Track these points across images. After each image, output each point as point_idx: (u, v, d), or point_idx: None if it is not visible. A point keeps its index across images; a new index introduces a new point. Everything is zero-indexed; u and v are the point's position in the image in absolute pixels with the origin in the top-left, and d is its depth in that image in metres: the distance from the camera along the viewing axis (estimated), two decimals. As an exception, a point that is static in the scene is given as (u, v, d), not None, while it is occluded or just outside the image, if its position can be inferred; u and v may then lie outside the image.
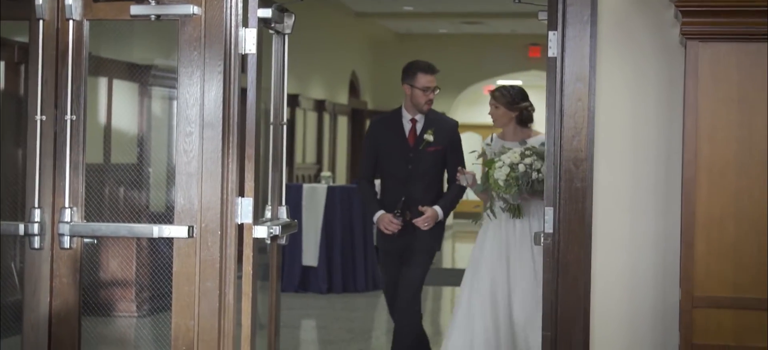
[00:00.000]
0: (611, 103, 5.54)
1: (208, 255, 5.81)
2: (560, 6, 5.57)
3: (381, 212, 7.52)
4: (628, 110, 5.53)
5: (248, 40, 5.89)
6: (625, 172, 5.54)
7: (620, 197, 5.55)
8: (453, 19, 17.26)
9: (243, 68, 5.91)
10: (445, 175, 7.76)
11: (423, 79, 7.48)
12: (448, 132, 7.61)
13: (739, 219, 5.07)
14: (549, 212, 5.63)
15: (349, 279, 12.48)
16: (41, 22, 5.95)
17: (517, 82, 22.27)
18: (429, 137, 7.46)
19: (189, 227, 5.82)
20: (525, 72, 19.31)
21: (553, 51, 5.64)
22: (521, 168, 6.92)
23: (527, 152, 7.00)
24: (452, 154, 7.60)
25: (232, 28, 5.83)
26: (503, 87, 7.55)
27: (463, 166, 7.54)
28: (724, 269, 5.08)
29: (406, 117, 7.59)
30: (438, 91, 7.53)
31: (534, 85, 21.49)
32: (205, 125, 5.80)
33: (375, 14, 17.14)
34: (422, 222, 7.47)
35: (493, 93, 7.50)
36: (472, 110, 21.76)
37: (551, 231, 5.63)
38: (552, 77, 5.66)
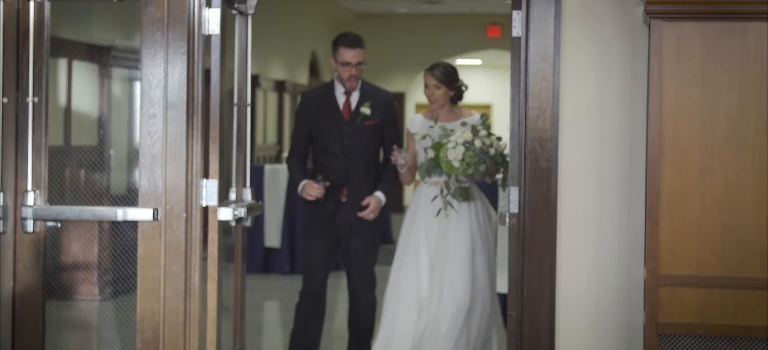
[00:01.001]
0: (576, 83, 5.55)
1: (173, 238, 5.78)
2: (525, -15, 5.57)
3: (305, 180, 7.04)
4: (592, 89, 5.55)
5: (212, 21, 5.86)
6: (589, 152, 5.56)
7: (585, 176, 5.57)
8: (412, -1, 17.27)
9: (205, 49, 5.88)
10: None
11: (346, 54, 6.98)
12: (385, 105, 7.18)
13: (703, 197, 5.11)
14: (514, 192, 5.64)
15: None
16: (2, 3, 5.89)
17: (477, 61, 22.37)
18: (366, 110, 7.03)
19: (154, 210, 5.79)
20: (484, 51, 19.36)
21: (517, 30, 5.64)
22: (478, 144, 6.75)
23: (478, 128, 6.84)
24: (389, 129, 7.19)
25: (196, 9, 5.80)
26: (441, 65, 7.27)
27: (400, 144, 7.20)
28: (689, 247, 5.11)
29: (340, 90, 7.12)
30: (364, 66, 7.01)
31: (493, 64, 21.60)
32: (169, 107, 5.76)
33: (334, -6, 17.15)
34: (368, 214, 7.05)
35: (433, 72, 7.18)
36: (432, 90, 21.78)
37: (516, 211, 5.64)
38: (516, 57, 5.66)
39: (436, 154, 6.79)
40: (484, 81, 22.35)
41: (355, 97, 7.08)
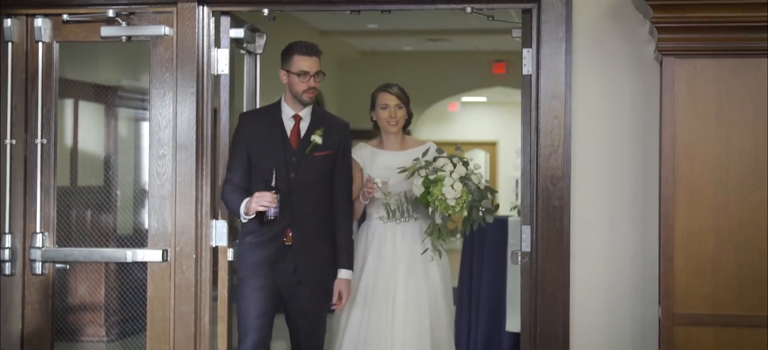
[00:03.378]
0: (587, 120, 5.53)
1: (182, 279, 5.76)
2: (535, 23, 5.56)
3: (247, 198, 5.72)
4: (604, 127, 5.52)
5: (221, 61, 5.86)
6: (602, 189, 5.53)
7: (598, 214, 5.53)
8: (417, 36, 17.23)
9: (214, 89, 5.88)
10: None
11: (302, 62, 5.77)
12: (340, 134, 5.94)
13: (718, 234, 5.06)
14: (526, 231, 5.61)
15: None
16: (10, 44, 5.91)
17: (482, 98, 22.35)
18: (317, 138, 5.80)
19: (163, 251, 5.77)
20: (489, 88, 19.33)
21: (527, 68, 5.62)
22: (475, 179, 5.95)
23: (464, 161, 5.99)
24: (342, 163, 5.97)
25: (205, 49, 5.81)
26: (395, 83, 6.34)
27: (351, 178, 6.06)
28: (704, 286, 5.07)
29: (288, 112, 5.87)
30: (322, 76, 5.85)
31: (498, 102, 21.58)
32: (179, 147, 5.76)
33: (340, 32, 17.10)
34: (341, 305, 5.95)
35: (390, 89, 6.24)
36: (439, 127, 21.75)
37: (529, 249, 5.60)
38: (527, 95, 5.64)
39: (425, 191, 5.90)
40: (490, 118, 22.33)
41: (304, 123, 5.87)
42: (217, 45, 5.87)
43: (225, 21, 5.90)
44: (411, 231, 6.16)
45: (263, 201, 5.62)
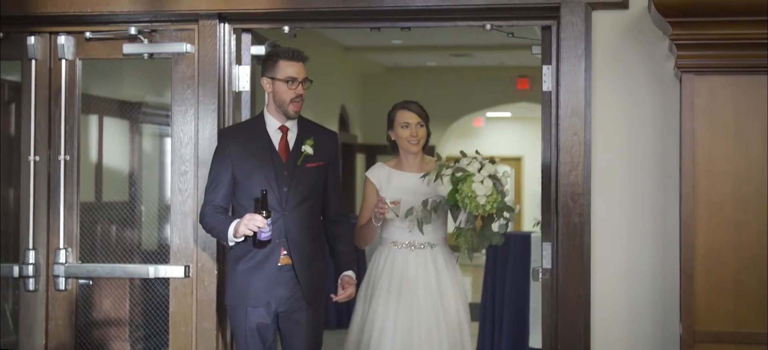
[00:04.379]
0: (607, 137, 5.52)
1: (204, 295, 5.79)
2: (554, 40, 5.57)
3: (236, 221, 5.31)
4: (624, 143, 5.52)
5: (242, 78, 5.89)
6: (622, 206, 5.52)
7: (618, 231, 5.52)
8: (441, 51, 17.24)
9: (235, 105, 5.90)
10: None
11: (288, 68, 5.39)
12: (330, 144, 5.60)
13: (739, 252, 5.04)
14: (547, 247, 5.61)
15: (344, 315, 12.39)
16: (34, 61, 5.96)
17: (506, 114, 22.34)
18: (308, 149, 5.44)
19: (185, 266, 5.80)
20: (514, 104, 19.32)
21: (547, 85, 5.63)
22: (504, 181, 5.63)
23: (491, 160, 5.67)
24: (333, 175, 5.64)
25: (226, 66, 5.84)
26: (413, 101, 6.03)
27: (341, 187, 5.75)
28: (725, 303, 5.04)
29: (273, 124, 5.49)
30: (309, 83, 5.49)
31: (523, 117, 21.56)
32: (200, 163, 5.78)
33: (364, 48, 17.13)
34: (346, 298, 5.61)
35: (409, 107, 5.95)
36: (463, 142, 21.68)
37: (550, 266, 5.60)
38: (547, 111, 5.65)
39: (454, 188, 5.56)
40: (514, 133, 22.31)
41: (292, 134, 5.51)
42: (239, 62, 5.91)
43: (246, 38, 5.94)
44: (424, 257, 5.86)
45: (253, 225, 5.20)
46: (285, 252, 5.39)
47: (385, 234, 5.94)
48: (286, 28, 5.82)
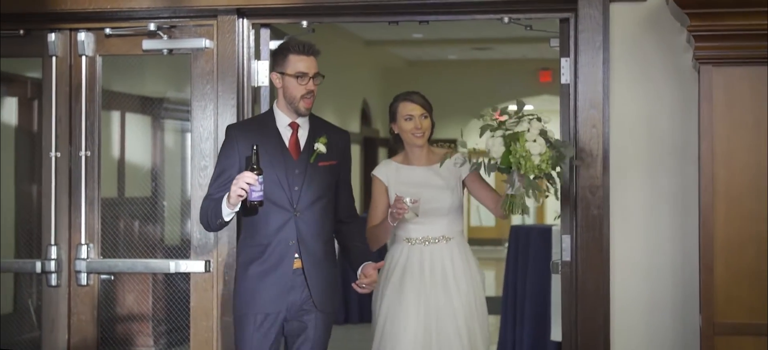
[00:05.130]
0: (625, 129, 5.52)
1: (225, 290, 5.81)
2: (572, 32, 5.57)
3: (226, 193, 4.96)
4: (642, 136, 5.51)
5: (261, 73, 5.91)
6: (641, 198, 5.52)
7: (637, 223, 5.52)
8: (463, 45, 17.25)
9: (254, 100, 5.92)
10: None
11: (299, 63, 5.10)
12: (342, 142, 5.35)
13: (758, 243, 5.03)
14: (566, 240, 5.61)
15: (366, 309, 12.39)
16: (54, 58, 5.99)
17: (529, 107, 22.27)
18: (321, 147, 5.15)
19: (206, 261, 5.82)
20: (536, 96, 19.29)
21: (565, 77, 5.63)
22: (551, 135, 5.21)
23: (536, 117, 5.28)
24: (345, 175, 5.39)
25: (245, 61, 5.86)
26: (416, 91, 5.75)
27: (352, 191, 5.47)
28: (744, 294, 5.03)
29: (283, 120, 5.19)
30: (321, 79, 5.19)
31: (545, 110, 21.52)
32: (220, 159, 5.79)
33: (385, 42, 17.15)
34: (372, 285, 5.26)
35: (412, 98, 5.68)
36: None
37: (569, 259, 5.60)
38: (565, 104, 5.65)
39: (507, 150, 5.13)
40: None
41: (303, 131, 5.23)
42: (257, 57, 5.93)
43: (264, 33, 5.95)
44: (440, 253, 5.61)
45: (243, 182, 4.83)
46: (297, 255, 5.09)
47: (397, 231, 5.68)
48: (305, 23, 5.83)
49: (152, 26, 5.84)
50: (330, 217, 5.25)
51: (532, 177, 5.10)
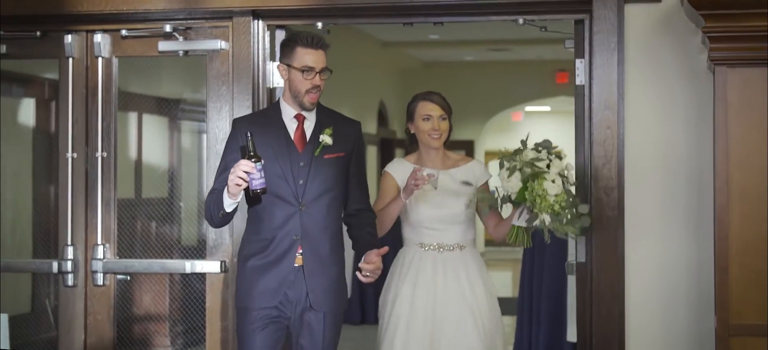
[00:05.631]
0: (641, 131, 5.51)
1: (240, 290, 5.80)
2: (587, 34, 5.57)
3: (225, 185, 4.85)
4: (658, 137, 5.51)
5: (276, 74, 5.92)
6: (656, 199, 5.51)
7: (652, 225, 5.51)
8: (479, 46, 17.23)
9: (269, 102, 5.94)
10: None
11: (306, 56, 4.95)
12: (351, 133, 5.15)
13: (773, 245, 5.03)
14: (580, 241, 5.60)
15: (370, 311, 12.41)
16: (71, 60, 6.02)
17: (545, 108, 22.27)
18: (327, 138, 5.00)
19: (221, 262, 5.84)
20: (553, 98, 19.26)
21: (580, 79, 5.63)
22: (571, 178, 5.26)
23: (558, 155, 5.30)
24: (356, 167, 5.18)
25: (260, 63, 5.87)
26: (435, 92, 5.60)
27: (366, 180, 5.27)
28: (759, 296, 5.01)
29: (289, 112, 5.05)
30: (329, 74, 5.04)
31: (562, 111, 21.46)
32: (235, 159, 5.80)
33: (401, 43, 17.14)
34: (375, 274, 5.00)
35: (431, 98, 5.53)
36: (502, 137, 21.63)
37: (583, 260, 5.60)
38: (580, 105, 5.65)
39: (523, 186, 5.15)
40: (553, 128, 22.13)
41: (309, 123, 5.07)
42: (272, 58, 5.94)
43: (280, 34, 5.97)
44: (453, 261, 5.43)
45: (240, 171, 4.69)
46: (301, 252, 4.94)
47: (409, 234, 5.51)
48: (320, 24, 5.84)
49: (168, 28, 5.86)
50: (338, 211, 5.08)
51: (545, 217, 5.14)
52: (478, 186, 5.53)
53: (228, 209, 4.85)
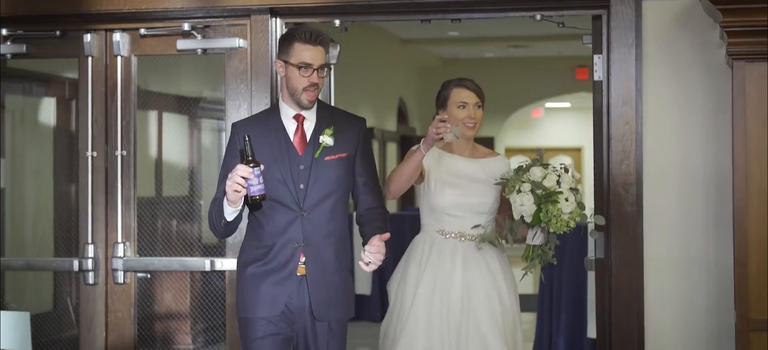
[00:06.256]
0: (659, 126, 5.50)
1: (259, 288, 5.81)
2: (604, 29, 5.56)
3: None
4: (676, 132, 5.49)
5: (294, 72, 5.91)
6: (675, 195, 5.50)
7: (671, 220, 5.50)
8: (499, 43, 17.22)
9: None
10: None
11: (304, 52, 4.66)
12: (354, 132, 4.84)
13: (793, 239, 5.01)
14: (599, 237, 5.60)
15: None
16: (90, 59, 6.05)
17: (566, 104, 22.22)
18: (327, 139, 4.72)
19: (241, 260, 5.84)
20: (573, 94, 19.24)
21: (598, 74, 5.62)
22: (579, 189, 5.13)
23: (564, 168, 5.13)
24: (363, 163, 4.87)
25: (278, 61, 5.87)
26: (470, 79, 5.39)
27: (377, 176, 4.96)
28: (779, 291, 5.01)
29: (288, 112, 4.79)
30: (327, 71, 4.84)
31: (582, 107, 21.43)
32: (254, 157, 5.82)
33: (421, 40, 17.14)
34: (378, 259, 4.59)
35: (465, 84, 5.33)
36: (522, 134, 21.66)
37: (602, 256, 5.59)
38: (598, 101, 5.64)
39: (539, 208, 5.00)
40: (574, 124, 22.19)
41: (309, 123, 4.79)
42: (291, 56, 5.94)
43: (298, 32, 5.97)
44: (474, 251, 5.23)
45: (237, 177, 4.45)
46: (304, 260, 4.68)
47: (429, 220, 5.30)
48: (337, 22, 5.85)
49: (186, 26, 5.88)
50: (342, 215, 4.80)
51: (561, 232, 5.01)
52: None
53: (229, 218, 4.62)
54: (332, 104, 6.16)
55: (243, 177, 4.44)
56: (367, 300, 12.30)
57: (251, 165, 4.44)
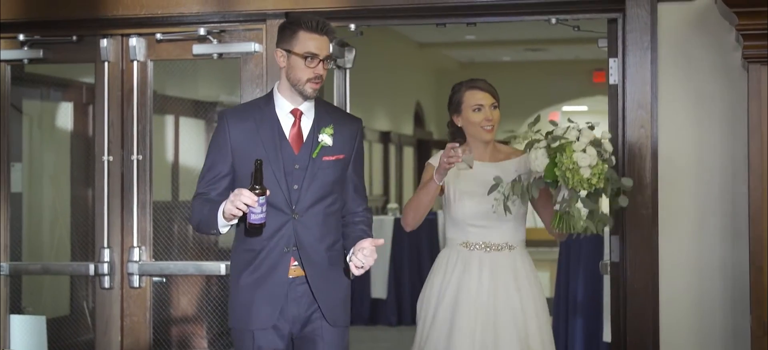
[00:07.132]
0: (674, 129, 5.49)
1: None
2: (620, 33, 5.55)
3: (221, 206, 4.28)
4: (691, 136, 5.48)
5: (310, 76, 5.91)
6: (690, 198, 5.49)
7: (686, 223, 5.49)
8: (516, 46, 17.25)
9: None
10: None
11: (309, 41, 4.36)
12: (352, 133, 4.56)
13: (809, 242, 4.99)
14: (615, 241, 5.59)
15: (407, 312, 12.41)
16: (106, 64, 6.07)
17: (583, 107, 22.19)
18: (326, 138, 4.43)
19: (256, 264, 5.84)
20: (590, 97, 19.23)
21: (614, 78, 5.62)
22: (608, 148, 4.69)
23: (589, 126, 4.79)
24: (355, 168, 4.60)
25: (294, 65, 5.87)
26: (483, 80, 5.11)
27: (363, 179, 4.69)
28: (794, 294, 5.00)
29: (284, 106, 4.47)
30: (332, 62, 4.63)
31: (599, 111, 21.39)
32: (270, 161, 5.82)
33: (438, 44, 17.17)
34: (369, 263, 4.35)
35: (478, 84, 5.05)
36: (538, 137, 21.60)
37: (618, 259, 5.58)
38: (614, 104, 5.63)
39: (552, 160, 4.65)
40: (591, 127, 22.16)
41: (307, 119, 4.49)
42: (307, 61, 5.94)
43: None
44: (502, 262, 4.97)
45: (239, 202, 4.16)
46: (296, 263, 4.41)
47: (453, 234, 5.06)
48: (353, 26, 5.86)
49: (202, 31, 5.90)
50: (336, 219, 4.53)
51: (584, 193, 4.63)
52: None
53: (222, 231, 4.36)
54: (348, 110, 6.17)
55: (246, 204, 4.17)
56: (383, 304, 12.32)
57: (257, 192, 4.16)
